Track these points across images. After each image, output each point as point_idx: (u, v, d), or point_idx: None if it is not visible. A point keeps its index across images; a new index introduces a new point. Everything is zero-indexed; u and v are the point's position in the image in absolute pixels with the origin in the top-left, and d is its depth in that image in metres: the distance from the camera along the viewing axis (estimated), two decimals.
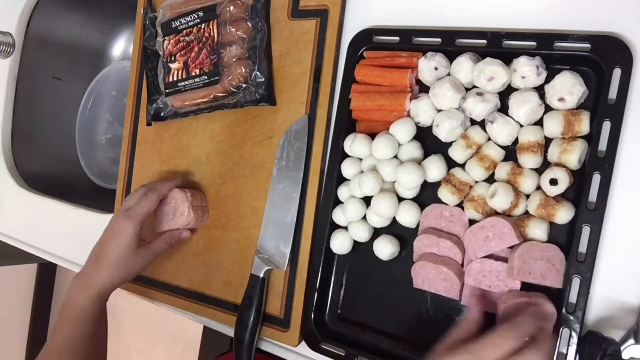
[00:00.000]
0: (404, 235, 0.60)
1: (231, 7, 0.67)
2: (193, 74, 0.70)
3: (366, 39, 0.62)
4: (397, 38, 0.60)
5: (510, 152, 0.55)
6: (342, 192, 0.62)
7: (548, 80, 0.52)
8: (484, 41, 0.55)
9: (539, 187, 0.53)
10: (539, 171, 0.53)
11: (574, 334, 0.49)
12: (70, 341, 0.64)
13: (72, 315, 0.65)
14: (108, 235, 0.67)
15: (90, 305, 0.65)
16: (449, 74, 0.57)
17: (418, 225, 0.59)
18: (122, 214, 0.67)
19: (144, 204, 0.67)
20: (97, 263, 0.66)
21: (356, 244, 0.62)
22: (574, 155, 0.50)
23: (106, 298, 0.67)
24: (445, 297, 0.56)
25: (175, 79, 0.72)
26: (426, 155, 0.58)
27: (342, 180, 0.63)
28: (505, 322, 0.47)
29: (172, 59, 0.73)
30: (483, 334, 0.46)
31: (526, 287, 0.53)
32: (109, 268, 0.65)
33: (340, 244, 0.61)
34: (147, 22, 0.77)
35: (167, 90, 0.74)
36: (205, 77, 0.69)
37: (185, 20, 0.71)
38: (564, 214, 0.51)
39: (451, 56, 0.57)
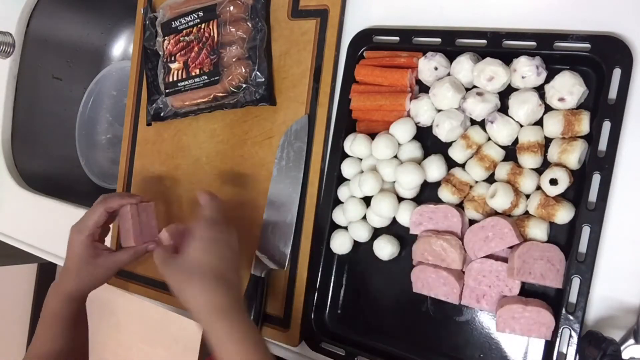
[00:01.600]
0: (403, 235, 0.60)
1: (231, 7, 0.67)
2: (193, 74, 0.70)
3: (366, 39, 0.62)
4: (397, 38, 0.60)
5: (510, 152, 0.55)
6: (342, 192, 0.62)
7: (548, 80, 0.52)
8: (484, 41, 0.55)
9: (539, 187, 0.53)
10: (539, 171, 0.53)
11: (574, 334, 0.49)
12: (47, 346, 0.65)
13: (47, 320, 0.66)
14: (67, 247, 0.68)
15: (63, 309, 0.66)
16: (449, 74, 0.57)
17: None
18: (73, 227, 0.68)
19: (91, 217, 0.67)
20: (64, 272, 0.68)
21: (356, 244, 0.62)
22: (574, 155, 0.50)
23: (80, 302, 0.68)
24: None
25: (175, 79, 0.72)
26: (426, 155, 0.58)
27: (342, 180, 0.63)
28: None
29: (172, 59, 0.73)
30: None
31: (526, 286, 0.53)
32: (73, 277, 0.66)
33: (340, 244, 0.61)
34: (147, 22, 0.77)
35: (167, 90, 0.74)
36: (205, 77, 0.69)
37: (185, 20, 0.71)
38: (564, 214, 0.51)
39: (451, 56, 0.56)
